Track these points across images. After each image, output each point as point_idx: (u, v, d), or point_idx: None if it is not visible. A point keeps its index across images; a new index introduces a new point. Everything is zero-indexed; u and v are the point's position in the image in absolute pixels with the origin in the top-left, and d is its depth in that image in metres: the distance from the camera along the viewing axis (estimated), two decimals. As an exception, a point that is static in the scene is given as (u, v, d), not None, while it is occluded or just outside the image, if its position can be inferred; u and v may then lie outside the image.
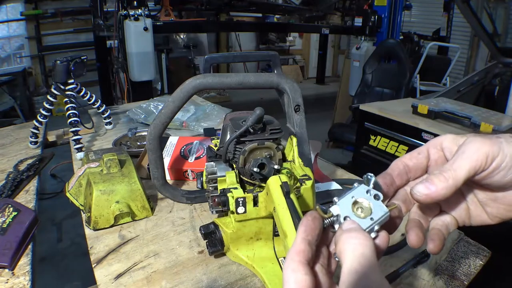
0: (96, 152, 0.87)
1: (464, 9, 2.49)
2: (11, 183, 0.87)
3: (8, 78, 4.54)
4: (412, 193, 0.33)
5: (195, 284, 0.58)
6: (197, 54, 5.83)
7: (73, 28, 5.07)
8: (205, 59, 0.80)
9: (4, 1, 4.64)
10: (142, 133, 1.20)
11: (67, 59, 1.06)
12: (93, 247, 0.66)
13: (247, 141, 0.59)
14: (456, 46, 4.19)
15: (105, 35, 3.07)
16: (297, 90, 0.64)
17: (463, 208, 0.38)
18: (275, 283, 0.56)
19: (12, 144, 1.18)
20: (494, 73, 2.65)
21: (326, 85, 7.14)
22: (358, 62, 3.91)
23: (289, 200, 0.49)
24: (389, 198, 0.37)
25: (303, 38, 7.93)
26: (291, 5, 4.19)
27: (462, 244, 0.70)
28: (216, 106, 1.47)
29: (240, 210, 0.56)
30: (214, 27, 4.84)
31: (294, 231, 0.45)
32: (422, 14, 5.74)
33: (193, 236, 0.70)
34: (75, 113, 1.06)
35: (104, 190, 0.71)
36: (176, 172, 0.91)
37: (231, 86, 0.62)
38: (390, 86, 3.25)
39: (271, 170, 0.58)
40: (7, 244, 0.62)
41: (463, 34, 5.15)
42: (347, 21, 4.87)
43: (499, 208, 0.36)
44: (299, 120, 0.65)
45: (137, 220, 0.75)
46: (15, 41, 4.92)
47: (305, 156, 0.65)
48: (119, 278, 0.59)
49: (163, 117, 0.65)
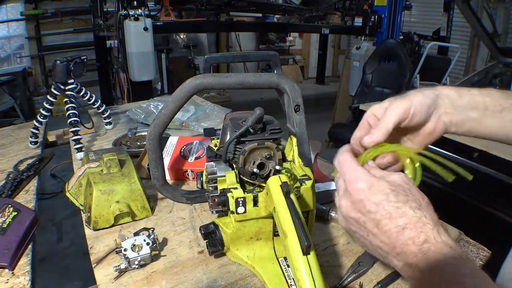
0: (96, 152, 0.87)
1: (464, 9, 2.49)
2: (11, 183, 0.87)
3: (8, 78, 4.53)
4: (362, 143, 0.49)
5: (195, 284, 0.58)
6: (197, 54, 5.83)
7: (73, 28, 5.07)
8: (205, 59, 0.80)
9: (4, 1, 4.63)
10: (142, 133, 1.20)
11: (67, 59, 1.06)
12: (93, 247, 0.66)
13: (247, 141, 0.59)
14: (456, 46, 4.18)
15: (105, 35, 3.07)
16: (297, 90, 0.64)
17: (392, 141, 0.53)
18: (275, 283, 0.56)
19: (12, 144, 1.18)
20: (494, 73, 2.64)
21: (326, 85, 7.14)
22: (358, 62, 3.91)
23: (289, 200, 0.49)
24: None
25: (303, 38, 7.93)
26: (291, 5, 4.19)
27: (462, 244, 0.70)
28: (216, 106, 1.47)
29: (240, 210, 0.56)
30: (214, 27, 4.84)
31: (294, 231, 0.45)
32: (422, 14, 5.73)
33: (193, 236, 0.70)
34: (75, 113, 1.06)
35: (104, 190, 0.71)
36: (176, 172, 0.91)
37: (231, 86, 0.62)
38: (390, 86, 3.25)
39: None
40: (7, 244, 0.62)
41: (463, 34, 5.14)
42: (347, 21, 4.87)
43: (420, 138, 0.52)
44: (299, 120, 0.65)
45: (137, 220, 0.75)
46: (15, 41, 4.92)
47: (305, 156, 0.65)
48: (119, 278, 0.59)
49: (163, 117, 0.65)
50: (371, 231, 0.42)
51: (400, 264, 0.40)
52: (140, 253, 0.60)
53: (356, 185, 0.43)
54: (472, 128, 0.51)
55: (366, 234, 0.43)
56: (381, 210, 0.41)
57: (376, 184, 0.42)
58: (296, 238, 0.44)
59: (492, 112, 0.51)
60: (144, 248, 0.61)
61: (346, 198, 0.44)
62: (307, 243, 0.43)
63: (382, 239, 0.41)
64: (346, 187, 0.44)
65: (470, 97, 0.51)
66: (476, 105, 0.51)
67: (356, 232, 0.45)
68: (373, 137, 0.48)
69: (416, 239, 0.38)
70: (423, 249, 0.38)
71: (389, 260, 0.42)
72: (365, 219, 0.42)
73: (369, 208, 0.41)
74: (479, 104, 0.51)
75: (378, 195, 0.41)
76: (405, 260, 0.39)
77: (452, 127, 0.51)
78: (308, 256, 0.43)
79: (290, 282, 0.56)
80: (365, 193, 0.42)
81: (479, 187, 1.46)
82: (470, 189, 1.53)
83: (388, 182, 0.42)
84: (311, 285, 0.42)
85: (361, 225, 0.43)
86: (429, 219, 0.40)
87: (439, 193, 1.64)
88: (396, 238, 0.40)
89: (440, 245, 0.38)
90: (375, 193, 0.42)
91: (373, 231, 0.42)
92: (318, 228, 0.71)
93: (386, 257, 0.42)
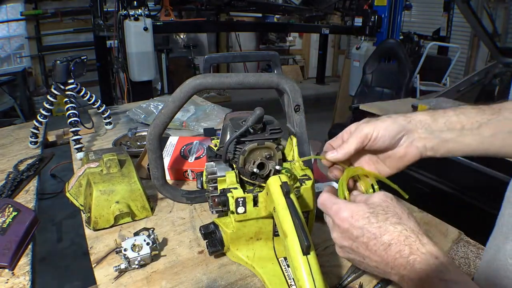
0: (96, 152, 0.87)
1: (464, 9, 2.49)
2: (11, 183, 0.87)
3: (8, 78, 4.53)
4: (326, 157, 0.55)
5: (195, 284, 0.58)
6: (197, 54, 5.83)
7: (73, 28, 5.07)
8: (205, 59, 0.80)
9: (4, 1, 4.63)
10: (142, 133, 1.20)
11: (67, 59, 1.06)
12: (93, 247, 0.66)
13: (247, 141, 0.59)
14: (456, 46, 4.19)
15: (105, 35, 3.07)
16: (297, 90, 0.64)
17: (364, 162, 0.58)
18: (275, 283, 0.56)
19: (12, 144, 1.18)
20: (494, 73, 2.64)
21: (326, 85, 7.14)
22: (358, 62, 3.91)
23: (289, 200, 0.49)
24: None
25: (303, 38, 7.92)
26: (291, 5, 4.19)
27: (462, 244, 0.70)
28: (216, 106, 1.47)
29: (240, 210, 0.56)
30: (214, 27, 4.83)
31: (294, 231, 0.45)
32: (422, 14, 5.73)
33: (193, 236, 0.70)
34: (75, 113, 1.06)
35: (104, 190, 0.71)
36: (176, 172, 0.91)
37: (231, 86, 0.62)
38: (390, 86, 3.25)
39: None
40: (7, 244, 0.62)
41: (463, 34, 5.14)
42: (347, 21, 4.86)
43: (392, 161, 0.55)
44: (299, 120, 0.65)
45: (137, 220, 0.75)
46: (15, 41, 4.92)
47: (305, 156, 0.65)
48: (119, 278, 0.59)
49: (163, 117, 0.65)
50: (364, 254, 0.45)
51: (397, 278, 0.44)
52: (140, 253, 0.60)
53: (340, 216, 0.47)
54: (451, 149, 0.53)
55: (362, 258, 0.46)
56: (366, 233, 0.44)
57: (356, 210, 0.46)
58: (296, 238, 0.44)
59: (470, 130, 0.52)
60: (144, 248, 0.61)
61: (336, 230, 0.48)
62: (307, 243, 0.43)
63: (375, 259, 0.45)
64: (333, 220, 0.48)
65: (445, 119, 0.53)
66: (452, 126, 0.52)
67: (354, 259, 0.48)
68: (334, 156, 0.54)
69: (402, 252, 0.42)
70: (410, 261, 0.41)
71: (389, 276, 0.45)
72: (357, 244, 0.46)
73: (356, 234, 0.45)
74: (455, 125, 0.52)
75: (360, 221, 0.45)
76: (399, 273, 0.43)
77: (428, 151, 0.54)
78: (308, 256, 0.43)
79: (290, 282, 0.56)
80: (349, 221, 0.46)
81: (479, 187, 1.47)
82: (470, 189, 1.53)
83: (367, 205, 0.47)
84: (311, 285, 0.42)
85: (355, 251, 0.47)
86: (410, 232, 0.43)
87: (439, 193, 1.64)
88: (386, 255, 0.43)
89: (425, 256, 0.41)
90: (357, 219, 0.45)
91: (366, 253, 0.45)
92: (318, 228, 0.71)
93: (385, 274, 0.45)
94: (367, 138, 0.53)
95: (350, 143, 0.53)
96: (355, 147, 0.53)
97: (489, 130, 0.51)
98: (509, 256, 0.45)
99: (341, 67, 5.87)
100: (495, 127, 0.51)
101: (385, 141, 0.53)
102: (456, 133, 0.52)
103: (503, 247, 0.47)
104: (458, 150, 0.53)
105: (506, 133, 0.51)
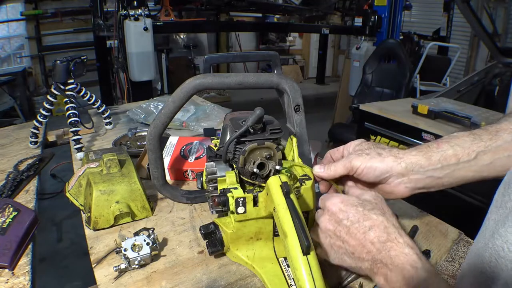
0: (96, 152, 0.87)
1: (464, 9, 2.49)
2: (11, 183, 0.87)
3: (8, 78, 4.54)
4: (313, 171, 0.59)
5: (195, 284, 0.58)
6: (197, 54, 5.83)
7: (73, 28, 5.07)
8: (205, 59, 0.80)
9: (4, 1, 4.63)
10: (142, 133, 1.20)
11: (67, 59, 1.06)
12: (93, 247, 0.66)
13: (247, 141, 0.59)
14: (456, 46, 4.19)
15: (105, 35, 3.07)
16: (297, 90, 0.64)
17: (355, 183, 0.60)
18: (275, 283, 0.56)
19: (12, 144, 1.18)
20: (494, 73, 2.64)
21: (326, 85, 7.14)
22: (358, 62, 3.91)
23: (289, 200, 0.49)
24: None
25: (303, 38, 7.93)
26: (291, 5, 4.19)
27: (462, 244, 0.70)
28: (216, 106, 1.47)
29: (240, 210, 0.56)
30: (214, 27, 4.84)
31: (294, 231, 0.45)
32: (422, 14, 5.73)
33: (193, 236, 0.70)
34: (75, 113, 1.06)
35: (104, 190, 0.71)
36: (176, 172, 0.91)
37: (231, 86, 0.62)
38: (390, 86, 3.26)
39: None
40: (7, 244, 0.62)
41: (463, 34, 5.15)
42: (347, 21, 4.87)
43: (381, 192, 0.56)
44: (299, 120, 0.65)
45: (137, 220, 0.75)
46: (15, 41, 4.92)
47: (305, 156, 0.65)
48: (119, 278, 0.59)
49: (163, 117, 0.65)
50: (344, 237, 0.49)
51: (368, 264, 0.46)
52: (140, 253, 0.60)
53: (332, 200, 0.52)
54: (445, 183, 0.54)
55: (341, 241, 0.49)
56: (351, 216, 0.49)
57: (347, 198, 0.51)
58: (296, 238, 0.44)
59: (467, 161, 0.51)
60: (144, 248, 0.61)
61: (325, 214, 0.52)
62: (307, 243, 0.43)
63: (352, 243, 0.48)
64: (324, 205, 0.53)
65: (439, 154, 0.52)
66: (447, 161, 0.52)
67: (334, 244, 0.51)
68: (319, 173, 0.58)
69: (380, 237, 0.46)
70: (387, 247, 0.45)
71: (361, 264, 0.48)
72: (340, 228, 0.49)
73: (341, 217, 0.49)
74: (451, 159, 0.52)
75: (348, 207, 0.50)
76: (373, 258, 0.46)
77: (419, 189, 0.55)
78: (308, 256, 0.43)
79: (290, 282, 0.56)
80: (338, 205, 0.50)
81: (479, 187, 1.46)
82: (470, 189, 1.53)
83: (358, 198, 0.52)
84: (311, 285, 0.42)
85: (337, 235, 0.50)
86: (390, 224, 0.47)
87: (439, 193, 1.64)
88: (364, 239, 0.47)
89: (402, 245, 0.44)
90: (346, 205, 0.50)
91: (345, 237, 0.49)
92: (318, 228, 0.71)
93: (358, 262, 0.48)
94: (353, 170, 0.55)
95: (337, 167, 0.56)
96: (340, 173, 0.57)
97: (487, 158, 0.50)
98: (487, 265, 0.41)
99: (341, 67, 5.88)
100: (493, 154, 0.50)
101: (369, 178, 0.55)
102: (452, 168, 0.52)
103: (482, 255, 0.42)
104: (453, 183, 0.54)
105: (505, 157, 0.50)
